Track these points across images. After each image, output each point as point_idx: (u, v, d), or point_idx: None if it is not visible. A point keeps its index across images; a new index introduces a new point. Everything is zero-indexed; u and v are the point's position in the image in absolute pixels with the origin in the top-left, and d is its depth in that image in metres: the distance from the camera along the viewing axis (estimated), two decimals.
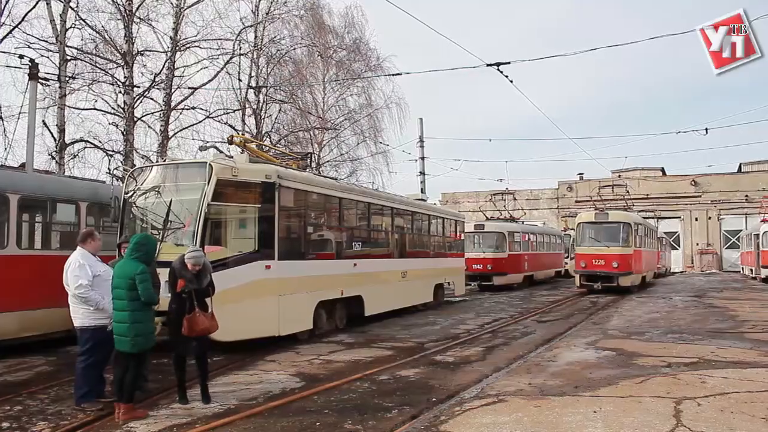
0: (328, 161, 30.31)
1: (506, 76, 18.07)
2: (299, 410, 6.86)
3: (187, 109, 22.35)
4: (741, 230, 44.75)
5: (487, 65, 17.30)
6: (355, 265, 13.87)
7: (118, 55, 20.37)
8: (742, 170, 52.21)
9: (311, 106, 28.84)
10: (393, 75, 29.37)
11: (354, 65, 30.58)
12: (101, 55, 20.41)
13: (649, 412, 6.32)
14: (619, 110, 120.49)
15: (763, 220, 34.29)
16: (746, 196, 47.41)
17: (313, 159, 25.21)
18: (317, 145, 29.42)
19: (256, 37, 25.14)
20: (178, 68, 21.72)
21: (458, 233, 21.95)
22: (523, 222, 32.22)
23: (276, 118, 26.89)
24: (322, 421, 6.40)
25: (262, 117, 25.73)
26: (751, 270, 36.20)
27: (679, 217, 50.11)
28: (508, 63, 17.24)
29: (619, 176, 47.66)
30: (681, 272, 46.91)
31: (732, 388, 7.39)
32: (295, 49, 26.68)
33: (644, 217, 32.93)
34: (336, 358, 10.28)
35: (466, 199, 53.03)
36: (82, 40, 20.01)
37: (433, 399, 7.31)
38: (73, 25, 19.63)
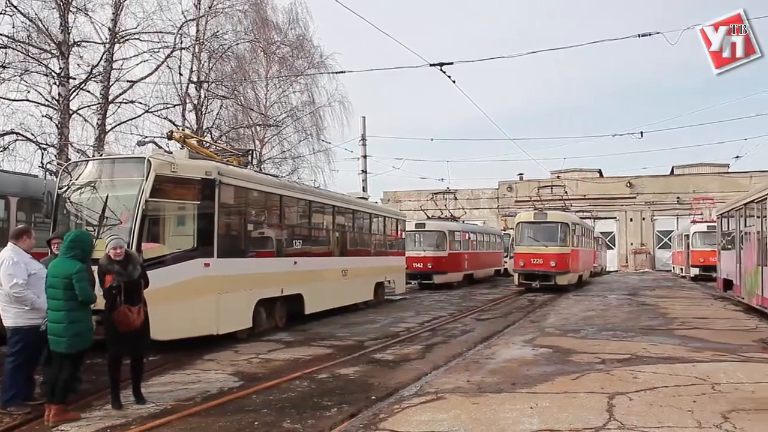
0: (269, 158, 30.02)
1: (449, 77, 18.27)
2: (237, 409, 6.79)
3: (125, 103, 21.70)
4: (672, 231, 46.24)
5: (431, 65, 17.46)
6: (295, 263, 13.80)
7: (52, 45, 19.66)
8: (675, 173, 53.88)
9: (253, 103, 28.51)
10: (336, 73, 29.24)
11: (297, 62, 30.35)
12: (35, 44, 19.68)
13: (584, 407, 6.48)
14: (560, 112, 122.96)
15: (693, 222, 35.55)
16: (678, 198, 49.01)
17: (254, 156, 24.88)
18: (259, 142, 29.11)
19: (198, 31, 24.67)
20: (116, 60, 21.07)
21: (399, 232, 22.05)
22: (463, 221, 32.58)
23: (217, 114, 26.46)
24: (260, 421, 6.34)
25: (203, 112, 25.28)
26: (682, 269, 37.49)
27: (615, 218, 51.45)
28: (451, 63, 17.44)
29: (558, 177, 48.69)
30: (616, 271, 48.15)
31: (661, 382, 7.65)
32: (237, 44, 26.28)
33: (582, 218, 33.65)
34: (275, 356, 10.20)
35: (408, 197, 53.30)
36: (13, 27, 19.21)
37: (373, 397, 7.32)
38: (3, 12, 18.85)
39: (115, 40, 20.75)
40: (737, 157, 54.87)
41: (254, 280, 12.06)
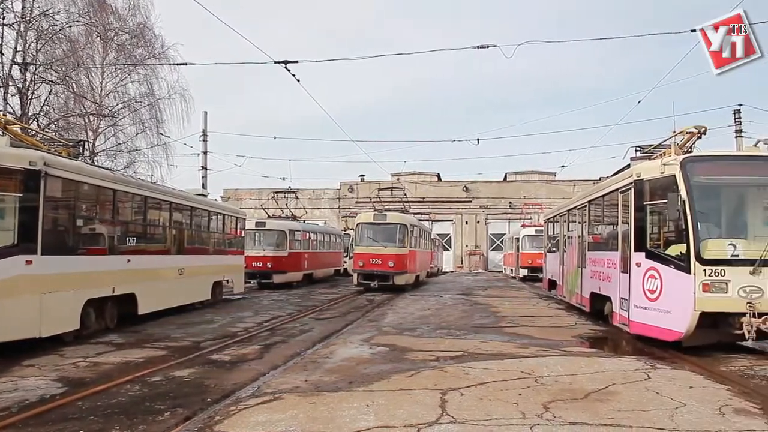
0: (103, 151, 28.45)
1: (293, 75, 18.16)
2: (60, 418, 6.36)
3: None
4: (504, 234, 48.81)
5: (275, 62, 17.28)
6: (128, 261, 13.18)
7: None
8: (507, 179, 56.88)
9: (87, 91, 26.81)
10: (178, 64, 28.31)
11: (137, 51, 29.04)
12: None
13: (418, 403, 6.68)
14: (402, 116, 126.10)
15: (523, 225, 37.70)
16: (510, 202, 51.82)
17: (86, 147, 23.49)
18: (92, 133, 27.53)
19: (24, 7, 22.85)
20: None
21: (239, 230, 21.66)
22: (304, 221, 32.55)
23: (46, 100, 24.53)
24: (86, 429, 5.99)
25: (29, 98, 23.38)
26: (512, 270, 39.67)
27: (452, 220, 53.48)
28: (296, 62, 17.35)
29: (399, 179, 49.91)
30: (452, 272, 50.01)
31: (491, 378, 8.05)
32: (71, 26, 24.64)
33: (420, 220, 34.62)
34: (105, 359, 9.68)
35: (249, 196, 52.53)
36: None
37: (208, 399, 7.14)
38: None
39: None
40: (563, 166, 58.92)
41: (83, 278, 11.37)
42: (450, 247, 53.17)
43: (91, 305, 11.77)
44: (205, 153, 32.65)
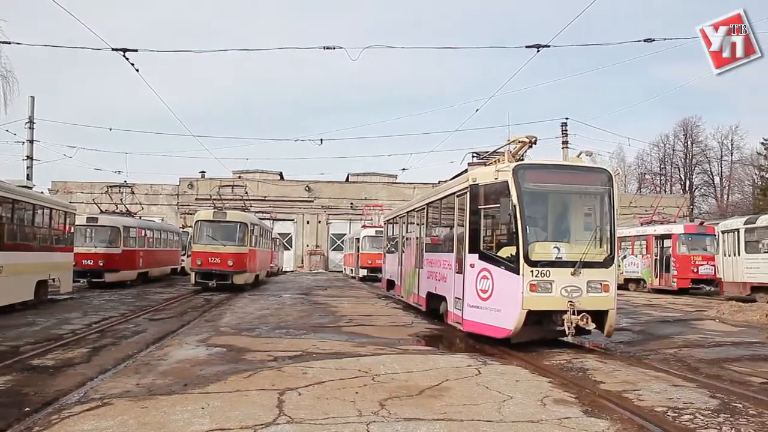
0: None
1: (132, 65, 17.32)
2: None
3: None
4: (345, 234, 49.36)
5: (113, 50, 16.36)
6: None
7: None
8: (350, 180, 57.61)
9: None
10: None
11: None
12: None
13: (255, 404, 6.59)
14: (246, 113, 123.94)
15: (364, 226, 38.31)
16: (351, 203, 52.53)
17: None
18: None
19: None
20: None
21: (68, 226, 20.33)
22: (140, 217, 31.17)
23: None
24: None
25: None
26: (352, 270, 40.19)
27: (293, 220, 53.39)
28: (136, 51, 16.52)
29: (240, 177, 49.12)
30: (292, 271, 49.96)
31: (329, 377, 8.09)
32: None
33: (261, 218, 34.29)
34: None
35: (81, 189, 49.50)
36: None
37: (27, 409, 6.57)
38: None
39: None
40: (404, 169, 60.44)
41: None
42: (291, 246, 53.06)
43: None
44: (32, 141, 30.33)
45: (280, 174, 56.87)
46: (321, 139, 28.28)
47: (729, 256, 24.63)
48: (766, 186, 64.21)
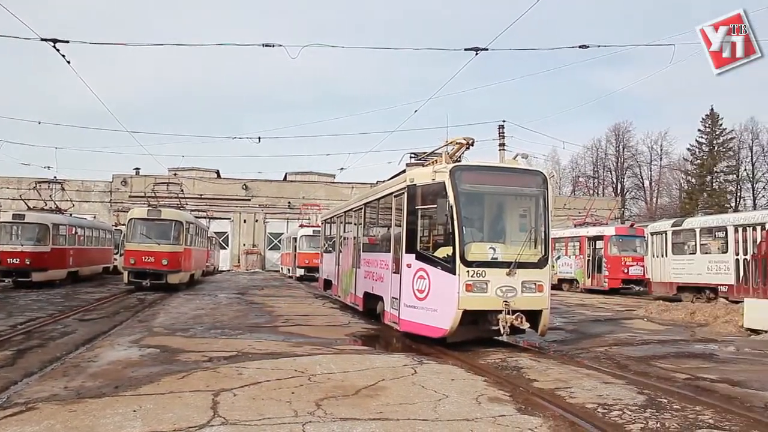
0: None
1: (63, 56, 16.79)
2: None
3: None
4: (283, 233, 49.02)
5: (42, 39, 15.82)
6: None
7: None
8: (288, 179, 57.26)
9: None
10: None
11: None
12: None
13: (189, 406, 6.47)
14: (182, 109, 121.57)
15: (301, 226, 38.16)
16: (289, 202, 52.29)
17: None
18: None
19: None
20: None
21: None
22: (71, 214, 30.29)
23: None
24: None
25: None
26: (289, 270, 39.95)
27: (230, 219, 52.80)
28: (67, 42, 16.02)
29: (176, 174, 48.19)
30: (229, 271, 49.32)
31: (264, 377, 8.02)
32: None
33: (197, 217, 33.77)
34: None
35: (6, 185, 48.00)
36: None
37: None
38: None
39: None
40: (342, 168, 60.38)
41: None
42: (227, 245, 52.44)
43: None
44: None
45: (217, 172, 56.14)
46: (259, 138, 27.87)
47: (657, 257, 25.46)
48: (692, 190, 66.91)
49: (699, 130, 68.83)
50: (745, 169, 67.23)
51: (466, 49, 16.09)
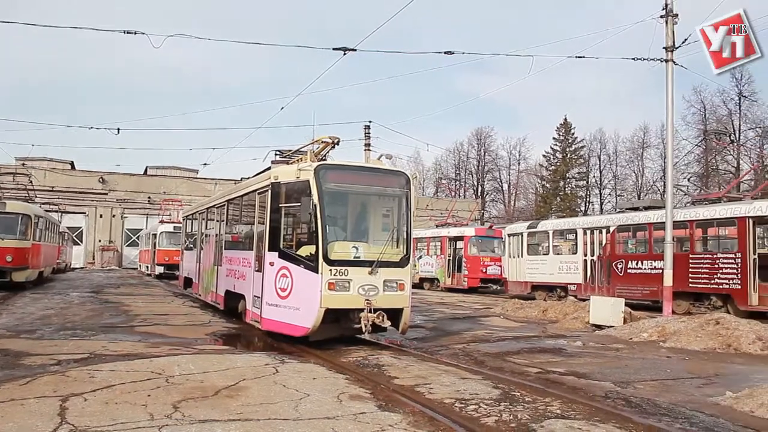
0: None
1: None
2: None
3: None
4: (142, 229, 47.22)
5: None
6: None
7: None
8: (148, 173, 55.16)
9: None
10: None
11: None
12: None
13: (33, 413, 6.08)
14: (33, 94, 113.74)
15: (161, 222, 36.95)
16: (149, 197, 50.39)
17: None
18: None
19: None
20: None
21: None
22: None
23: None
24: None
25: None
26: (148, 267, 38.57)
27: (85, 213, 50.20)
28: None
29: (24, 165, 45.20)
30: (82, 268, 46.94)
31: (119, 380, 7.67)
32: None
33: (48, 210, 31.91)
34: None
35: None
36: None
37: None
38: None
39: None
40: (205, 164, 59.03)
41: None
42: (81, 241, 49.80)
43: None
44: None
45: (71, 163, 53.22)
46: (118, 129, 26.54)
47: (513, 257, 26.71)
48: (546, 194, 70.68)
49: (554, 137, 72.82)
50: (594, 176, 72.01)
51: (334, 49, 16.19)
